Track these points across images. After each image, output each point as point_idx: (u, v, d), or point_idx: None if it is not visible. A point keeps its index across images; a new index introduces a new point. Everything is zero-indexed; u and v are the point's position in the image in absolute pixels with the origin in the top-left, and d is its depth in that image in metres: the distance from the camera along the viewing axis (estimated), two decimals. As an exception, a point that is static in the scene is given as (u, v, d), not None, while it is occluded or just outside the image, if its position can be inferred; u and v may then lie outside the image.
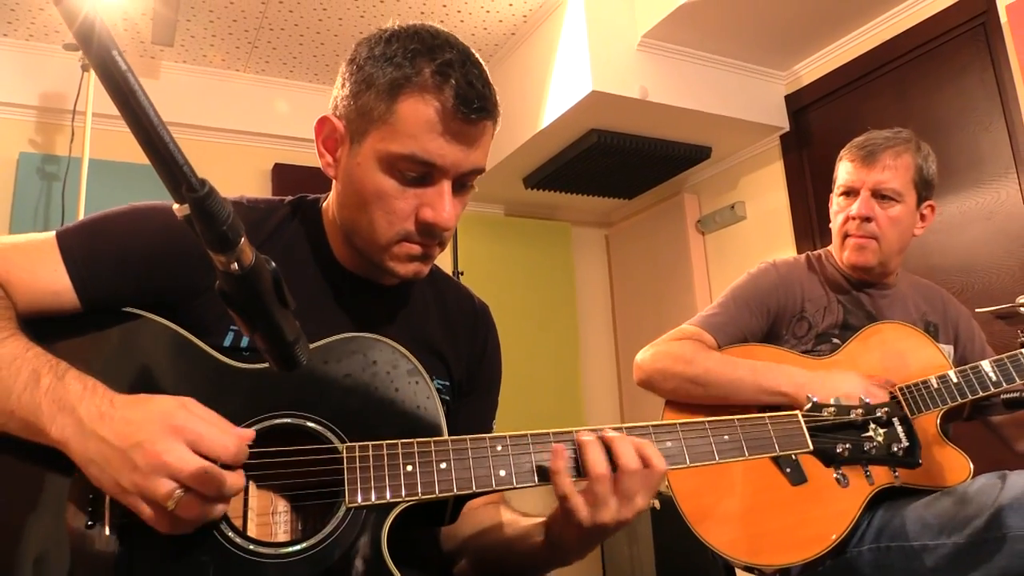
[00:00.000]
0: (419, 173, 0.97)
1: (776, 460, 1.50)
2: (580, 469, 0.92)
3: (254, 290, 0.62)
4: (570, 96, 3.29)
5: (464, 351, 1.19)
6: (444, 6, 3.40)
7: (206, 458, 0.78)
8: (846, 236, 1.77)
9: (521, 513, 1.13)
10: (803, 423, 1.05)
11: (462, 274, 2.99)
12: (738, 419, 1.01)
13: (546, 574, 1.05)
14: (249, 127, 3.82)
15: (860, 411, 1.07)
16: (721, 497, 1.54)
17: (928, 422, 1.56)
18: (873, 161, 1.74)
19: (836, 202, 1.82)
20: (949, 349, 1.79)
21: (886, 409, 1.08)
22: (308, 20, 3.44)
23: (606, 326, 4.79)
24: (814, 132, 3.64)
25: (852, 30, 3.37)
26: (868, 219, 1.73)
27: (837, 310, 1.77)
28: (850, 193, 1.78)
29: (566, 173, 3.93)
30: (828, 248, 1.89)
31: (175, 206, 0.60)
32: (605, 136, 3.55)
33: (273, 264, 0.64)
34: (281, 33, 3.52)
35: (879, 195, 1.74)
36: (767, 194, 3.83)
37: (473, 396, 1.20)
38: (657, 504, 0.96)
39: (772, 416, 1.03)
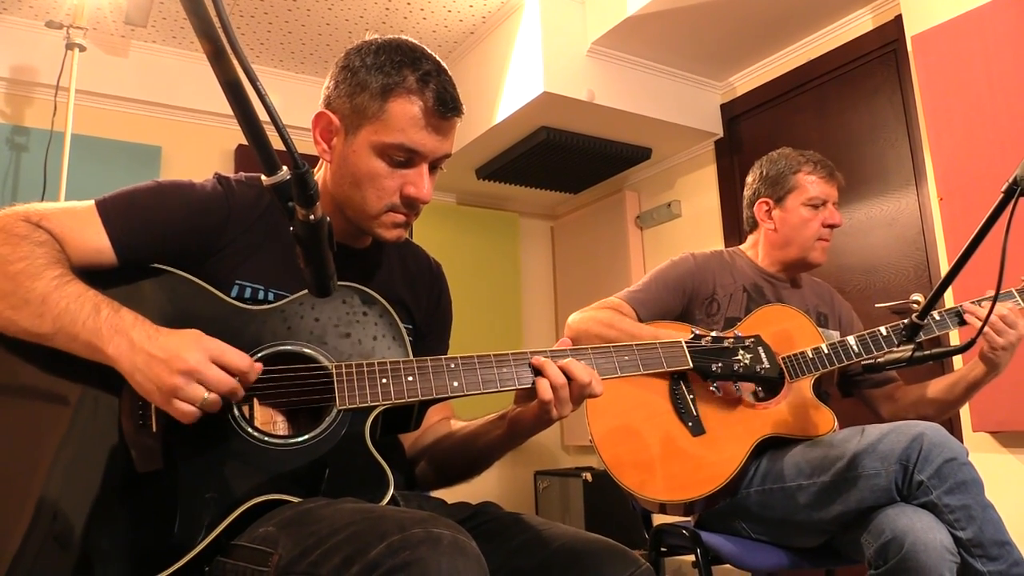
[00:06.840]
0: (404, 158, 1.22)
1: (680, 415, 1.79)
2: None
3: (318, 233, 0.88)
4: (523, 95, 3.53)
5: (423, 302, 1.44)
6: (408, 3, 3.60)
7: (226, 370, 1.01)
8: (819, 239, 2.04)
9: (469, 420, 1.41)
10: (685, 348, 1.35)
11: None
12: (636, 344, 1.29)
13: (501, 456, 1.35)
14: (215, 108, 3.89)
15: (731, 340, 1.37)
16: (635, 447, 1.81)
17: (804, 385, 1.85)
18: (833, 179, 2.06)
19: (802, 211, 2.04)
20: (836, 334, 2.09)
21: (752, 340, 1.38)
22: (278, 9, 3.60)
23: (548, 312, 5.06)
24: (744, 139, 3.96)
25: (781, 48, 3.68)
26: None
27: (743, 298, 2.05)
28: (818, 205, 2.04)
29: (516, 166, 4.15)
30: (739, 247, 2.18)
31: (263, 177, 0.84)
32: (554, 134, 3.80)
33: (328, 219, 0.89)
34: (251, 20, 3.68)
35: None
36: (701, 194, 4.14)
37: (431, 338, 1.45)
38: (589, 477, 1.24)
39: (662, 343, 1.33)
